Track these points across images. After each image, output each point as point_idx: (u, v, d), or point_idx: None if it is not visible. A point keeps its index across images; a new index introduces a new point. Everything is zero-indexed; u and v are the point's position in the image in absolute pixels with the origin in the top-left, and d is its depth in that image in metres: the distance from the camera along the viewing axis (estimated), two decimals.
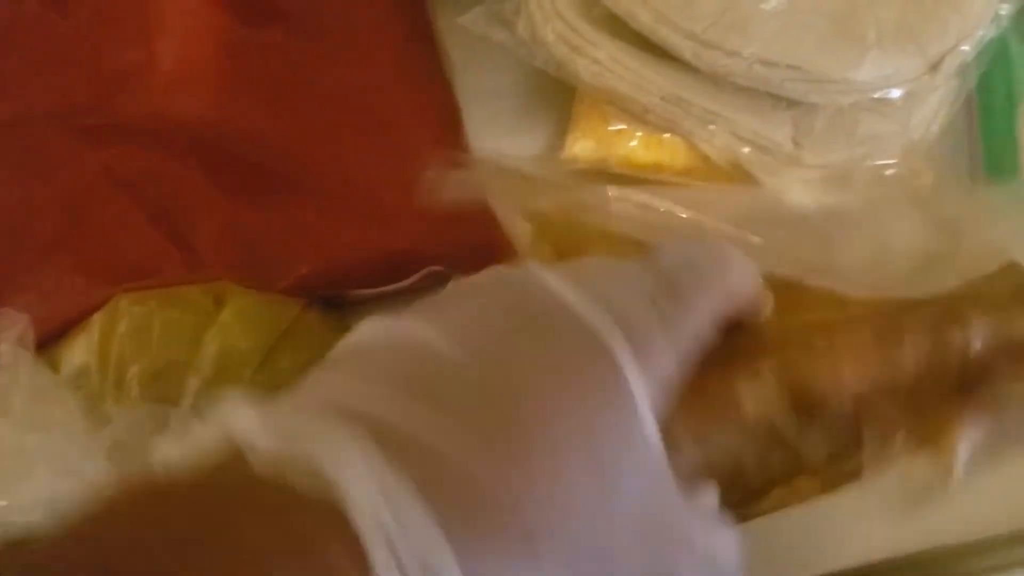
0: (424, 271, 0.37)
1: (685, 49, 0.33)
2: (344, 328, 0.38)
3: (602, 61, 0.35)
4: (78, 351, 0.34)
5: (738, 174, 0.36)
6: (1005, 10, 0.37)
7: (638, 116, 0.35)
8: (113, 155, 0.37)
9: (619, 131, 0.37)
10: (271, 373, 0.34)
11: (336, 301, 0.38)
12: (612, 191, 0.29)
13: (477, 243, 0.37)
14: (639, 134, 0.37)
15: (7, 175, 0.37)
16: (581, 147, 0.38)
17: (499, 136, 0.40)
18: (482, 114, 0.40)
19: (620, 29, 0.35)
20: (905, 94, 0.35)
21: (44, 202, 0.37)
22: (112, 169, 0.37)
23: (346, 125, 0.37)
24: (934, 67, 0.35)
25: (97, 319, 0.34)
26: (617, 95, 0.35)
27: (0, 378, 0.28)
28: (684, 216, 0.28)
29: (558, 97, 0.40)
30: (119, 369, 0.33)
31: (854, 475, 0.26)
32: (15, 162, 0.37)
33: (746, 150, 0.34)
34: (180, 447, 0.17)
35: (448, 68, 0.40)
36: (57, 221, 0.37)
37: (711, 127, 0.35)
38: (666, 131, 0.35)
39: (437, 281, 0.38)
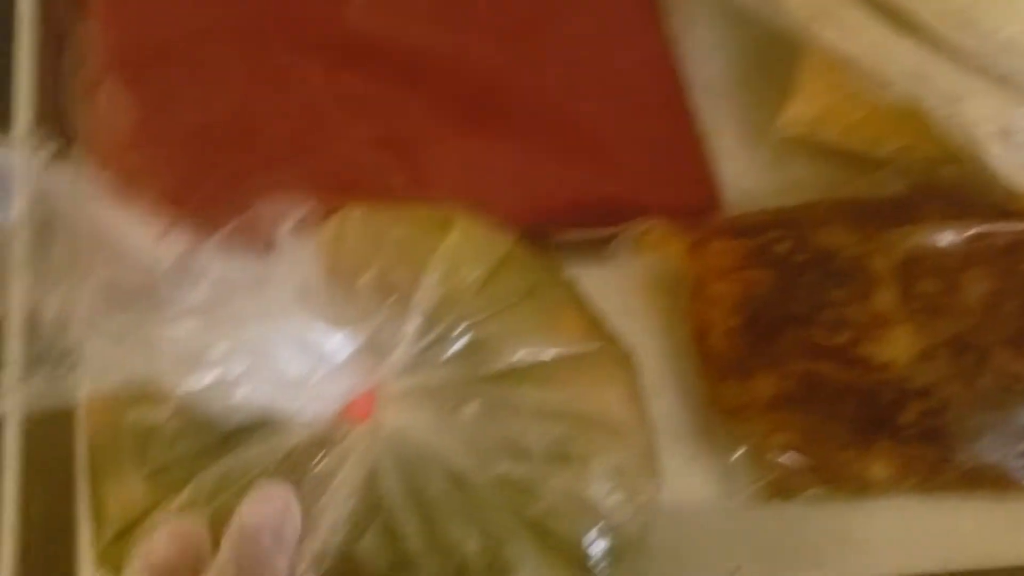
0: (631, 222, 0.37)
1: (937, 26, 0.34)
2: (552, 267, 0.39)
3: (847, 29, 0.35)
4: None
5: (964, 158, 0.36)
6: None
7: (876, 88, 0.36)
8: (343, 74, 0.39)
9: (845, 100, 0.37)
10: (490, 297, 0.35)
11: (540, 243, 0.39)
12: None
13: (688, 201, 0.38)
14: (866, 106, 0.37)
15: (244, 81, 0.38)
16: (802, 112, 0.38)
17: (724, 94, 0.40)
18: (707, 72, 0.40)
19: None
20: None
21: (276, 111, 0.38)
22: (342, 87, 0.38)
23: (577, 68, 0.38)
24: None
25: (329, 226, 0.35)
26: (858, 65, 0.35)
27: (276, 263, 0.30)
28: None
29: (781, 58, 0.40)
30: (349, 277, 0.34)
31: None
32: (252, 70, 0.39)
33: (987, 135, 0.34)
34: None
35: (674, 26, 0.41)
36: (288, 130, 0.38)
37: (952, 108, 0.35)
38: (904, 106, 0.35)
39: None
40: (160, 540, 0.25)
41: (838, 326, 0.33)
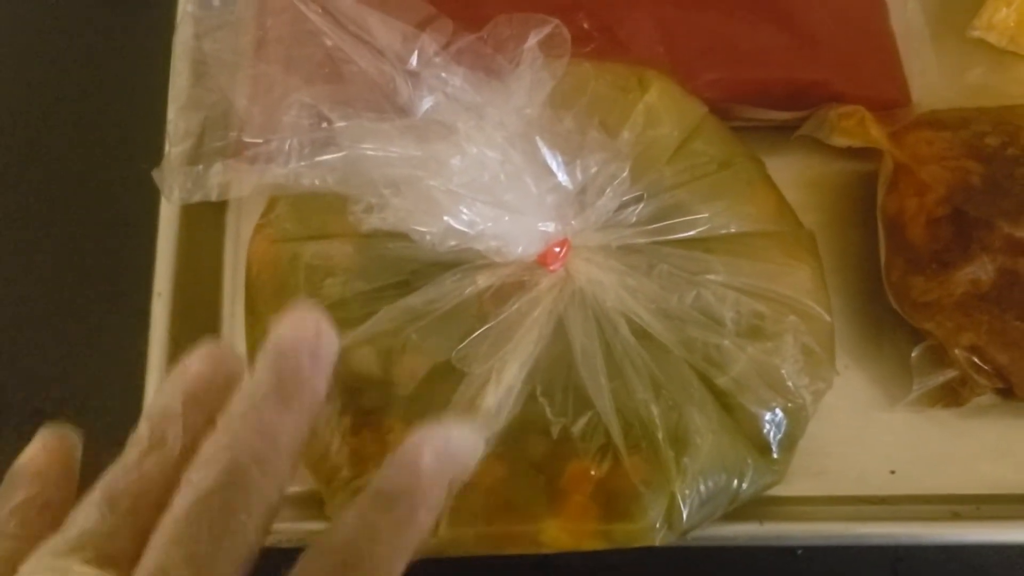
0: (823, 107, 0.36)
1: None
2: (743, 143, 0.37)
3: None
4: None
5: None
6: None
7: None
8: None
9: None
10: (686, 163, 0.33)
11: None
12: None
13: (881, 94, 0.37)
14: None
15: None
16: (1001, 17, 0.37)
17: None
18: None
19: None
20: None
21: None
22: None
23: None
24: None
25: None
26: None
27: (509, 86, 0.28)
28: None
29: None
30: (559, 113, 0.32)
31: None
32: None
33: None
34: None
35: None
36: None
37: None
38: None
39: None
40: (193, 360, 0.24)
41: None
